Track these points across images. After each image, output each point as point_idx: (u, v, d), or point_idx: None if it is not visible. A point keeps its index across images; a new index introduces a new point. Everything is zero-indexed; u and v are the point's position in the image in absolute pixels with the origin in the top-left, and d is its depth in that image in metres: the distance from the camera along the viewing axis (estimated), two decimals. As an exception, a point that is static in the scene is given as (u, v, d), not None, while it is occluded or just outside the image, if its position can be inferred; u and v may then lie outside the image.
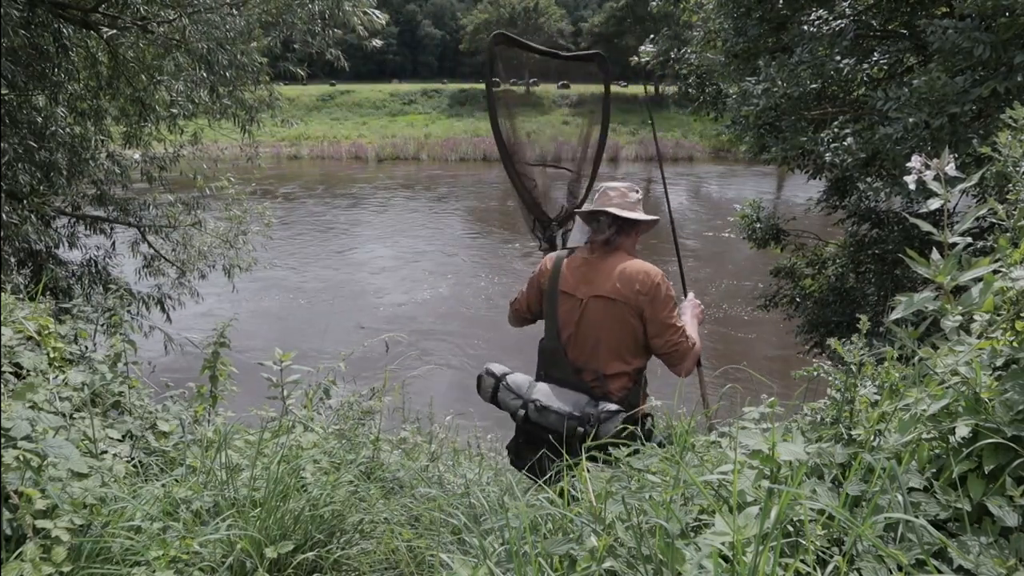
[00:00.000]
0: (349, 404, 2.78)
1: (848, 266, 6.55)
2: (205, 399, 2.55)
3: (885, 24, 5.57)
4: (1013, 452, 1.04)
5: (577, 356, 2.31)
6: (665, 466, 1.50)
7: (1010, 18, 3.95)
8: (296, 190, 24.21)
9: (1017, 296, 1.24)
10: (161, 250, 8.28)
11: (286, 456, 1.91)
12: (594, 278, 2.31)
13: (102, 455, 1.84)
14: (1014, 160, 1.61)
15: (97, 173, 7.43)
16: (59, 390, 1.97)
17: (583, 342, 2.30)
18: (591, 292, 2.29)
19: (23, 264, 6.63)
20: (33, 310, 2.47)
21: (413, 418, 3.25)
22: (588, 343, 2.29)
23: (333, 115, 40.30)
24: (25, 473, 1.49)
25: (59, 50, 5.86)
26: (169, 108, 7.40)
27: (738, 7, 5.92)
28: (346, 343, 3.60)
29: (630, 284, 2.26)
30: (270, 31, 7.20)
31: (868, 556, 1.02)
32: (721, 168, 30.97)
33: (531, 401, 2.23)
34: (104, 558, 1.48)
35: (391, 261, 15.30)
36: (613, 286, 2.27)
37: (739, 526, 0.98)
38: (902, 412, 1.26)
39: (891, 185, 4.62)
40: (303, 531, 1.72)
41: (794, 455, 1.10)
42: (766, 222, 7.00)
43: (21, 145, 5.81)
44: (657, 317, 2.26)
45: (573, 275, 2.35)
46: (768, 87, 5.21)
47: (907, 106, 4.11)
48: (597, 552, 1.14)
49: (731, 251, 15.49)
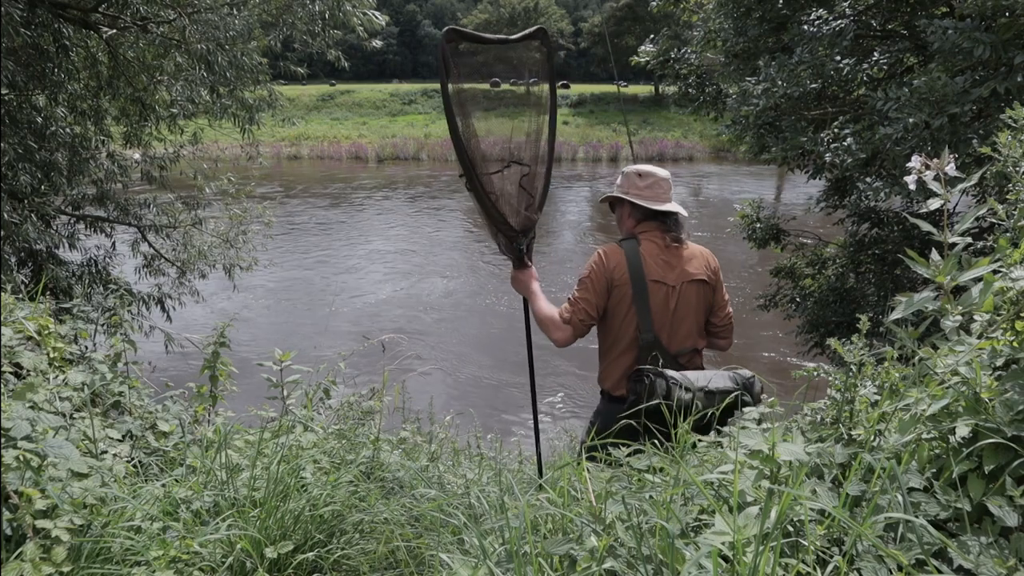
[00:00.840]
0: (349, 404, 2.78)
1: (848, 266, 6.54)
2: (205, 399, 2.55)
3: (885, 24, 5.57)
4: (1013, 452, 1.04)
5: (671, 342, 2.38)
6: (665, 466, 1.50)
7: (1010, 18, 3.95)
8: (296, 190, 24.21)
9: (1017, 296, 1.24)
10: (161, 249, 8.28)
11: (286, 456, 1.91)
12: (679, 264, 2.40)
13: (102, 455, 1.84)
14: (1014, 160, 1.61)
15: (97, 173, 7.43)
16: (59, 390, 1.97)
17: (678, 327, 2.38)
18: (683, 278, 2.39)
19: (23, 264, 6.63)
20: (33, 310, 2.47)
21: (413, 418, 3.26)
22: (683, 327, 2.39)
23: (333, 115, 40.29)
24: (25, 473, 1.49)
25: (59, 50, 5.86)
26: (169, 108, 7.40)
27: (738, 7, 5.91)
28: (346, 343, 3.60)
29: (711, 265, 2.48)
30: (270, 31, 7.21)
31: (868, 556, 1.02)
32: (721, 168, 30.97)
33: (700, 390, 2.16)
34: (104, 558, 1.48)
35: (391, 261, 15.30)
36: (702, 268, 2.44)
37: (739, 526, 0.98)
38: (902, 412, 1.26)
39: (891, 185, 4.61)
40: (303, 531, 1.72)
41: (794, 455, 1.10)
42: (766, 222, 6.99)
43: (22, 145, 5.81)
44: (721, 294, 2.52)
45: (658, 264, 2.38)
46: (768, 87, 5.21)
47: (907, 106, 4.11)
48: (597, 552, 1.14)
49: (731, 251, 15.49)
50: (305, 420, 2.37)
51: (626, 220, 2.54)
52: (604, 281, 2.36)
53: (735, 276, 13.87)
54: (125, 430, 2.04)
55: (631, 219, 2.51)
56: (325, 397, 2.67)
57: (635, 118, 38.79)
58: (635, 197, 2.46)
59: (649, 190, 2.45)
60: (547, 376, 8.21)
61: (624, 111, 7.05)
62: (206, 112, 7.47)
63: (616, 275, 2.36)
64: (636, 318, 2.35)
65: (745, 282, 13.20)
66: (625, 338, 2.38)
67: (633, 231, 2.48)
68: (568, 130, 36.65)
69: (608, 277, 2.37)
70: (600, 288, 2.36)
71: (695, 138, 35.22)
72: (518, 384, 8.43)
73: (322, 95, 41.92)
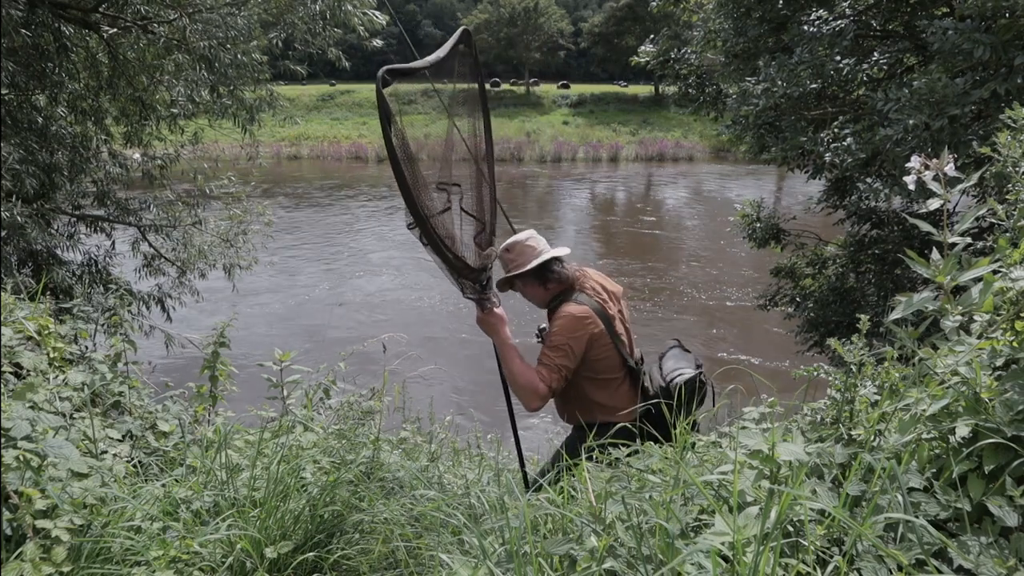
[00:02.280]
0: (349, 404, 2.78)
1: (848, 266, 6.54)
2: (205, 399, 2.55)
3: (885, 24, 5.57)
4: (1013, 452, 1.04)
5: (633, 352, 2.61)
6: (665, 466, 1.50)
7: (1010, 19, 3.95)
8: (296, 190, 24.21)
9: (1017, 296, 1.24)
10: (161, 249, 8.28)
11: (286, 456, 1.91)
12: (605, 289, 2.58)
13: (102, 455, 1.84)
14: (1013, 160, 1.61)
15: (98, 172, 7.43)
16: (59, 390, 1.97)
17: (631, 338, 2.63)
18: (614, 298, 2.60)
19: (23, 264, 6.62)
20: (33, 310, 2.47)
21: (413, 418, 3.26)
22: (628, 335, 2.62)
23: (333, 115, 40.28)
24: (25, 473, 1.49)
25: (59, 50, 5.86)
26: (169, 108, 7.40)
27: (738, 7, 5.92)
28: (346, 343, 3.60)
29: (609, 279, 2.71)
30: (270, 30, 7.20)
31: (868, 556, 1.02)
32: (721, 168, 30.97)
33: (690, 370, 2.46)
34: (104, 558, 1.48)
35: (391, 261, 15.30)
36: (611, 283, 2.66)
37: (739, 526, 0.98)
38: (902, 412, 1.26)
39: (891, 185, 4.61)
40: (303, 531, 1.72)
41: (794, 455, 1.10)
42: (766, 222, 7.00)
43: (25, 148, 5.81)
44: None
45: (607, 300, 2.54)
46: (768, 87, 5.21)
47: (907, 107, 4.11)
48: (597, 552, 1.14)
49: (731, 251, 15.48)
50: (305, 420, 2.37)
51: (528, 289, 2.56)
52: (584, 346, 2.39)
53: (735, 276, 13.88)
54: (125, 430, 2.04)
55: (531, 286, 2.54)
56: (325, 397, 2.67)
57: (635, 118, 38.79)
58: (515, 269, 2.49)
59: (520, 256, 2.48)
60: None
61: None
62: (206, 112, 7.46)
63: (594, 331, 2.41)
64: (618, 352, 2.48)
65: (745, 282, 13.21)
66: (617, 370, 2.50)
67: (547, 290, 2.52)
68: (568, 130, 36.67)
69: (588, 340, 2.40)
70: (579, 354, 2.39)
71: (695, 138, 35.23)
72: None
73: (322, 95, 41.91)
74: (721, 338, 10.75)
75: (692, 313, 11.89)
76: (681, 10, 8.14)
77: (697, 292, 12.92)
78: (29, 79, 5.86)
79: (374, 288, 13.28)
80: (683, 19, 8.28)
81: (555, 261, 2.48)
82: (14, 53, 5.59)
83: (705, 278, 13.82)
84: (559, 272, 2.48)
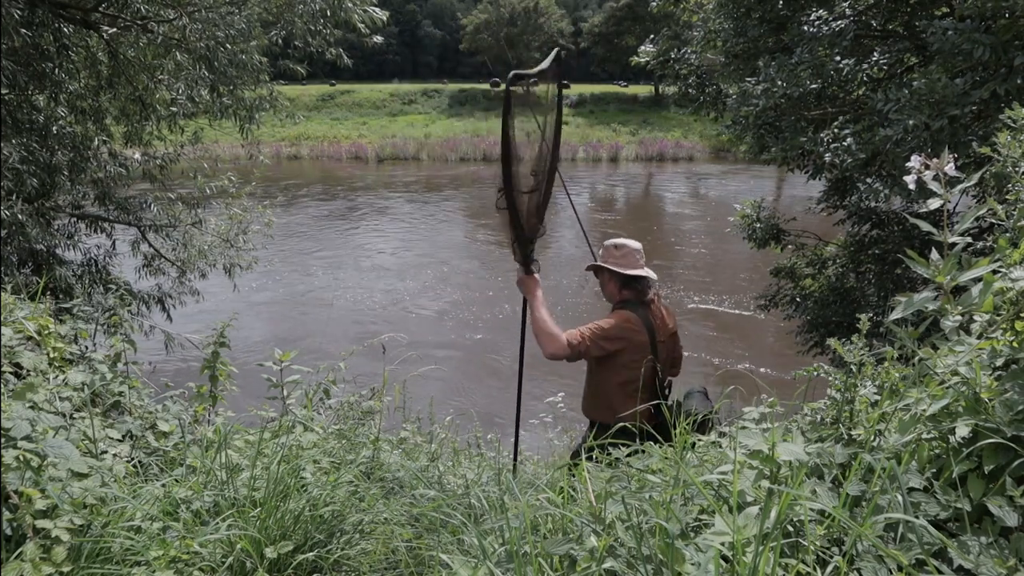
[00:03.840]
0: (349, 404, 2.78)
1: (848, 266, 6.54)
2: (205, 399, 2.55)
3: (885, 24, 5.56)
4: (1013, 452, 1.04)
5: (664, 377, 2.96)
6: (665, 466, 1.50)
7: (1010, 19, 3.95)
8: (296, 190, 24.21)
9: (1017, 296, 1.24)
10: (161, 249, 8.28)
11: (286, 456, 1.91)
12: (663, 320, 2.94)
13: (102, 455, 1.84)
14: (1013, 160, 1.61)
15: (98, 172, 7.42)
16: (59, 390, 1.97)
17: (666, 367, 2.96)
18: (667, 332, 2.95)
19: (23, 263, 6.62)
20: (33, 310, 2.47)
21: (413, 418, 3.26)
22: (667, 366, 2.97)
23: (333, 115, 40.27)
24: (25, 473, 1.49)
25: (59, 50, 5.86)
26: (169, 107, 7.39)
27: (738, 7, 5.91)
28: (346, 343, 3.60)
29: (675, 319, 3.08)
30: (270, 29, 7.19)
31: (868, 556, 1.02)
32: (721, 168, 30.96)
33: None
34: (104, 558, 1.48)
35: (391, 261, 15.30)
36: (674, 322, 3.03)
37: (739, 526, 0.98)
38: (902, 412, 1.26)
39: (891, 186, 4.61)
40: (303, 531, 1.72)
41: (794, 455, 1.10)
42: (766, 222, 6.99)
43: (26, 148, 5.81)
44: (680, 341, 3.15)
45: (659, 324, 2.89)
46: (768, 87, 5.21)
47: (907, 108, 4.11)
48: (597, 552, 1.14)
49: (731, 251, 15.48)
50: (305, 420, 2.37)
51: (609, 284, 2.97)
52: (620, 343, 2.74)
53: (735, 276, 13.88)
54: (125, 430, 2.04)
55: (613, 283, 2.94)
56: (325, 397, 2.67)
57: (635, 118, 38.79)
58: (613, 265, 2.89)
59: (624, 259, 2.89)
60: (548, 376, 8.21)
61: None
62: (206, 111, 7.46)
63: (635, 339, 2.77)
64: (650, 369, 2.80)
65: (745, 282, 13.20)
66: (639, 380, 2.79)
67: (620, 293, 2.92)
68: (568, 130, 36.64)
69: (627, 341, 2.76)
70: (612, 346, 2.73)
71: (695, 138, 35.22)
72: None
73: (322, 95, 41.90)
74: (721, 338, 10.76)
75: (692, 313, 11.90)
76: (681, 10, 8.13)
77: (697, 292, 12.92)
78: (29, 79, 5.85)
79: (374, 288, 13.28)
80: (683, 19, 8.27)
81: (643, 279, 2.88)
82: (14, 53, 5.59)
83: (704, 278, 13.82)
84: (638, 288, 2.88)
